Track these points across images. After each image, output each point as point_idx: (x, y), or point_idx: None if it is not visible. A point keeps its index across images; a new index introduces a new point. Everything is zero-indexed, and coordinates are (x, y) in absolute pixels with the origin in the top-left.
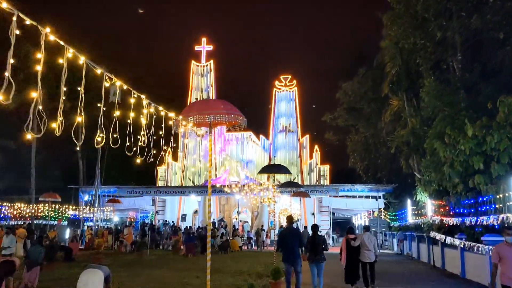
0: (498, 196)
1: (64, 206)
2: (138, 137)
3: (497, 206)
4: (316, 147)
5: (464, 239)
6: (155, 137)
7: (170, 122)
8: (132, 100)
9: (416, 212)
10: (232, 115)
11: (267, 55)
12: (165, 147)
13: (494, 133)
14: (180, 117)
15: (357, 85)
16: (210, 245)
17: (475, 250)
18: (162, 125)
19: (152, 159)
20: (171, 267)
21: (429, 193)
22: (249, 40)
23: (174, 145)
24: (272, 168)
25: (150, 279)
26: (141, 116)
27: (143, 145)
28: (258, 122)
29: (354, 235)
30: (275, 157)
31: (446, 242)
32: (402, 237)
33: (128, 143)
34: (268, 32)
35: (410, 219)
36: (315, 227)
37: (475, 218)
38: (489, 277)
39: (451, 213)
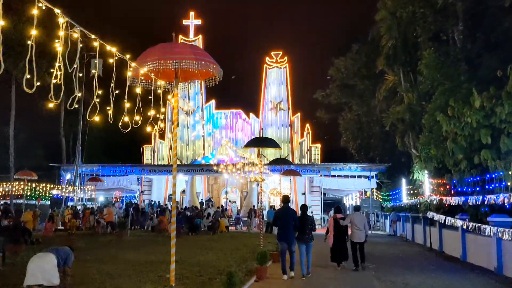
0: (510, 173)
1: (41, 185)
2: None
3: (508, 183)
4: (307, 126)
5: (467, 219)
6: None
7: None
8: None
9: (412, 192)
10: (203, 62)
11: (258, 31)
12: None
13: (505, 103)
14: (135, 65)
15: (350, 61)
16: (174, 228)
17: (480, 232)
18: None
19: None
20: (148, 249)
21: (430, 170)
22: (239, 15)
23: (162, 124)
24: (260, 142)
25: (117, 261)
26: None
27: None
28: (248, 100)
29: (342, 215)
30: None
31: (446, 223)
32: (395, 218)
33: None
34: (258, 7)
35: (405, 199)
36: (304, 207)
37: (481, 197)
38: (495, 261)
39: (452, 192)
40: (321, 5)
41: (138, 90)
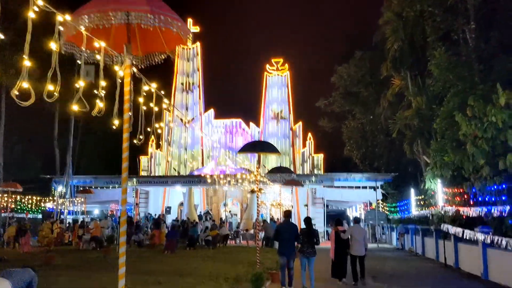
0: None
1: (27, 197)
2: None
3: None
4: (309, 135)
5: (490, 233)
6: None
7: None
8: None
9: (422, 203)
10: (162, 17)
11: (258, 38)
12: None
13: None
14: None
15: (353, 68)
16: (125, 240)
17: (507, 247)
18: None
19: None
20: (133, 268)
21: (445, 178)
22: (238, 22)
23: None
24: (255, 147)
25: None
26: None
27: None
28: (248, 109)
29: (343, 227)
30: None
31: (464, 237)
32: (403, 230)
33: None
34: (257, 14)
35: (414, 211)
36: (308, 220)
37: (508, 207)
38: None
39: (470, 202)
40: (323, 12)
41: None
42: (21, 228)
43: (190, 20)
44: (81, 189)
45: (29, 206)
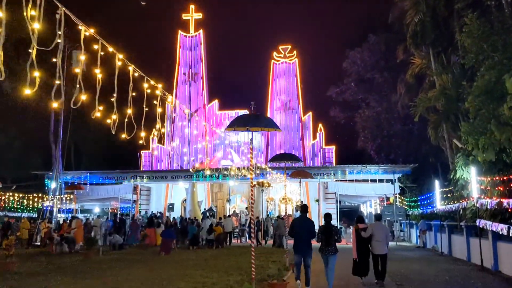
0: None
1: (7, 194)
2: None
3: None
4: (320, 126)
5: None
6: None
7: None
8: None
9: (449, 195)
10: None
11: (264, 24)
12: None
13: None
14: None
15: (367, 53)
16: None
17: None
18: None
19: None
20: (111, 275)
21: (484, 162)
22: (242, 8)
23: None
24: (248, 121)
25: None
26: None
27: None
28: (255, 99)
29: (364, 225)
30: (274, 138)
31: (510, 234)
32: (424, 227)
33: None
34: None
35: (439, 205)
36: (328, 216)
37: None
38: None
39: None
40: None
41: None
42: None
43: (192, 7)
44: (70, 184)
45: (24, 204)
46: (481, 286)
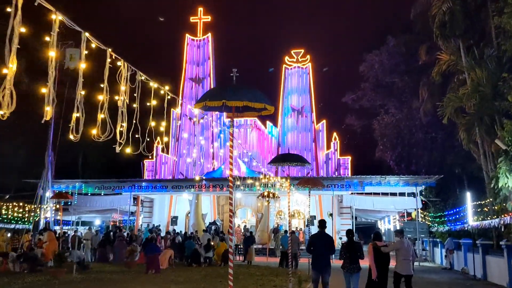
0: None
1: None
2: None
3: None
4: (334, 135)
5: None
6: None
7: None
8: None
9: (486, 209)
10: None
11: (274, 27)
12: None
13: None
14: None
15: (385, 55)
16: None
17: None
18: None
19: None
20: None
21: None
22: (252, 11)
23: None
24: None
25: None
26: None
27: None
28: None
29: (382, 243)
30: (284, 147)
31: None
32: (452, 246)
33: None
34: (275, 1)
35: (471, 220)
36: (350, 233)
37: None
38: None
39: None
40: None
41: None
42: None
43: (200, 9)
44: (57, 192)
45: (19, 215)
46: None
